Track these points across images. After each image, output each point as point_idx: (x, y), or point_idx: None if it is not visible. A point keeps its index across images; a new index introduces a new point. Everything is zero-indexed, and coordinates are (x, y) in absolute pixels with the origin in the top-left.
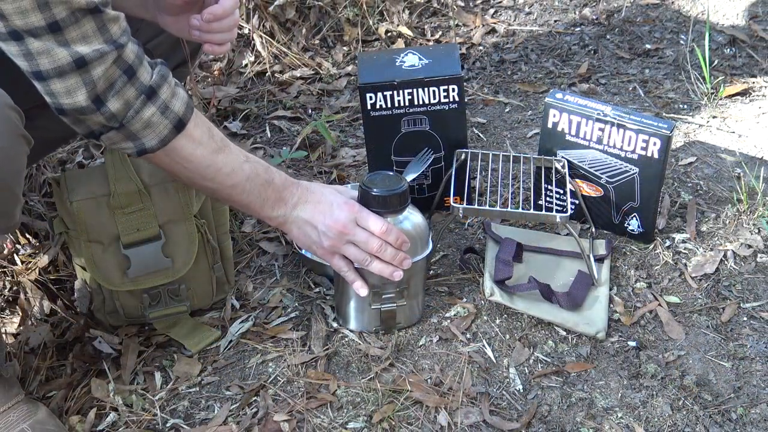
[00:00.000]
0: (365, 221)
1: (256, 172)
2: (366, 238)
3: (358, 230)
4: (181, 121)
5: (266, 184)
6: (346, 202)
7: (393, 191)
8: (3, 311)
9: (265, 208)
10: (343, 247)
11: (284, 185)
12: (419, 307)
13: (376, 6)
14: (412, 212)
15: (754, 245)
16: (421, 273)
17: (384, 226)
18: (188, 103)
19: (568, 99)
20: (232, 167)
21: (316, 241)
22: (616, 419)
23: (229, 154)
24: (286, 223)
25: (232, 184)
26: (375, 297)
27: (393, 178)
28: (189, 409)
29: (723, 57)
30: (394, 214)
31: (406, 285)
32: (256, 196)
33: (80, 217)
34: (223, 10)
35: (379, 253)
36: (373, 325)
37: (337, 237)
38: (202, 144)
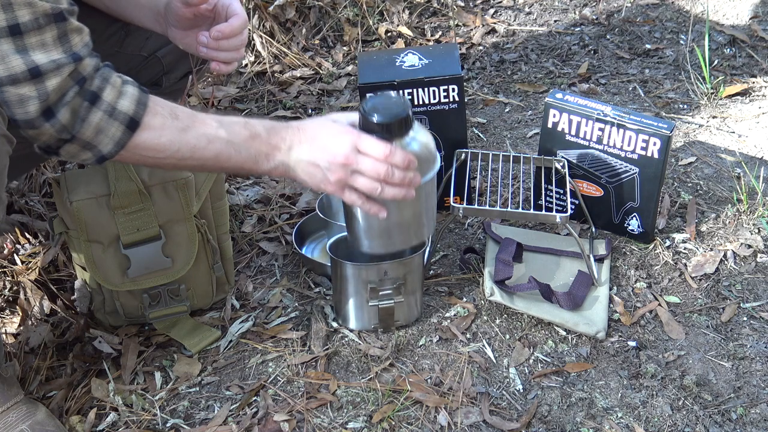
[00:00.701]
0: (367, 147)
1: (235, 132)
2: (371, 165)
3: (361, 158)
4: (133, 119)
5: (251, 139)
6: (342, 131)
7: (396, 116)
8: (3, 311)
9: (260, 162)
10: (351, 179)
11: (271, 133)
12: (417, 304)
13: (376, 6)
14: (418, 130)
15: (754, 245)
16: (418, 270)
17: (387, 149)
18: (139, 99)
19: (568, 99)
20: (207, 138)
21: (323, 179)
22: (616, 419)
23: (200, 126)
24: (288, 170)
25: (214, 154)
26: (372, 294)
27: (394, 99)
28: (189, 409)
29: (723, 57)
30: (399, 138)
31: (403, 281)
32: (246, 154)
33: (80, 217)
34: (231, 30)
35: (388, 178)
36: (372, 322)
37: (342, 169)
38: (166, 129)
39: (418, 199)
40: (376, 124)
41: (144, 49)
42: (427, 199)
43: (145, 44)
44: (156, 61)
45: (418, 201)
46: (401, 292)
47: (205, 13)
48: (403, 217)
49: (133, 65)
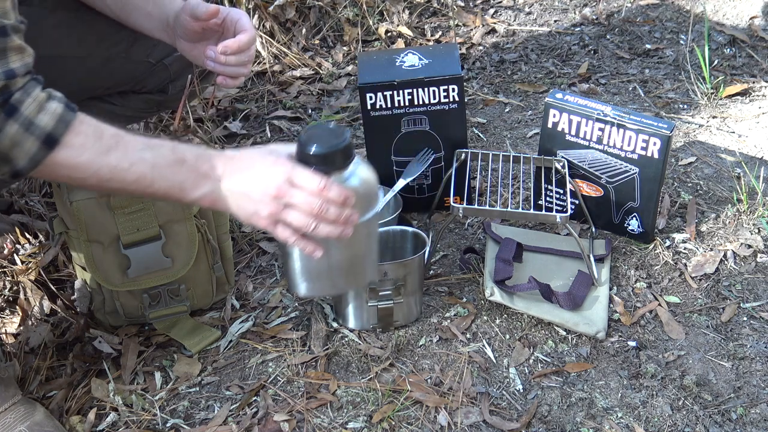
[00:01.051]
0: (300, 180)
1: (161, 155)
2: (304, 198)
3: (295, 191)
4: (51, 136)
5: (178, 165)
6: (276, 162)
7: (334, 147)
8: (3, 311)
9: (186, 190)
10: (283, 213)
11: (201, 159)
12: (417, 305)
13: (376, 6)
14: (359, 165)
15: (754, 245)
16: (417, 271)
17: (321, 182)
18: (62, 116)
19: (568, 99)
20: (130, 161)
21: (255, 212)
22: (616, 419)
23: (124, 148)
24: (218, 200)
25: (136, 178)
26: (372, 294)
27: (334, 130)
28: (189, 409)
29: (723, 57)
30: (337, 172)
31: (403, 282)
32: (171, 180)
33: (80, 217)
34: (239, 46)
35: (322, 214)
36: (371, 322)
37: (274, 202)
38: (87, 149)
39: (357, 240)
40: (312, 156)
41: (151, 56)
42: (368, 241)
43: (153, 51)
44: (163, 68)
45: (357, 242)
46: (401, 293)
47: (214, 27)
48: (341, 259)
49: (139, 72)
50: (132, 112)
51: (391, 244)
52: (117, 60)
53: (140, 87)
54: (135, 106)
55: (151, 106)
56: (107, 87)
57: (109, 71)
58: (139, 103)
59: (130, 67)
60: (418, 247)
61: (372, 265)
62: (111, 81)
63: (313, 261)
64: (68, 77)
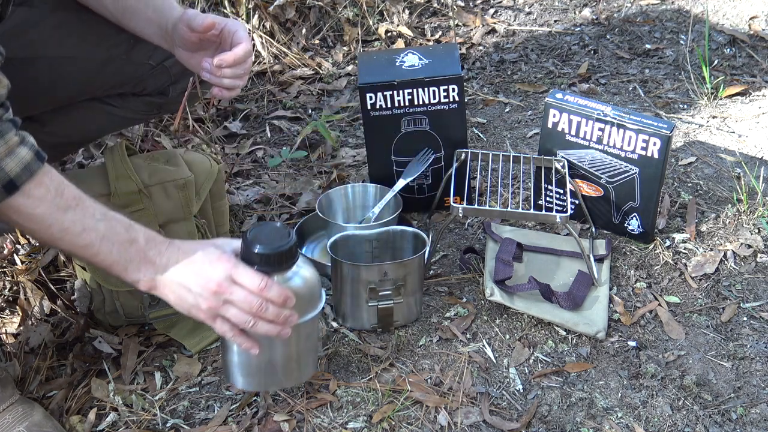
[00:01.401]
0: (241, 278)
1: (114, 231)
2: (244, 296)
3: (235, 288)
4: (13, 182)
5: (128, 244)
6: (219, 258)
7: (277, 248)
8: (3, 311)
9: (129, 270)
10: (222, 309)
11: (150, 244)
12: (417, 305)
13: (376, 6)
14: (302, 266)
15: (754, 245)
16: (418, 271)
17: (262, 282)
18: (29, 165)
19: (568, 99)
20: (83, 226)
21: (194, 305)
22: (616, 419)
23: (82, 212)
24: (157, 287)
25: (84, 244)
26: (372, 294)
27: (279, 231)
28: (189, 409)
29: (723, 57)
30: (280, 273)
31: (403, 282)
32: (117, 256)
33: None
34: (235, 59)
35: (261, 313)
36: (371, 323)
37: (213, 297)
38: (45, 202)
39: (297, 340)
40: (256, 255)
41: (152, 59)
42: (307, 341)
43: (153, 53)
44: (163, 70)
45: (296, 341)
46: (401, 293)
47: (211, 38)
48: (280, 357)
49: (140, 74)
50: (132, 114)
51: (391, 244)
52: (117, 61)
53: (140, 89)
54: (135, 108)
55: (151, 108)
56: (107, 88)
57: (109, 73)
58: (139, 105)
59: (130, 68)
60: (418, 247)
61: (312, 362)
62: (111, 82)
63: (251, 356)
64: (67, 78)
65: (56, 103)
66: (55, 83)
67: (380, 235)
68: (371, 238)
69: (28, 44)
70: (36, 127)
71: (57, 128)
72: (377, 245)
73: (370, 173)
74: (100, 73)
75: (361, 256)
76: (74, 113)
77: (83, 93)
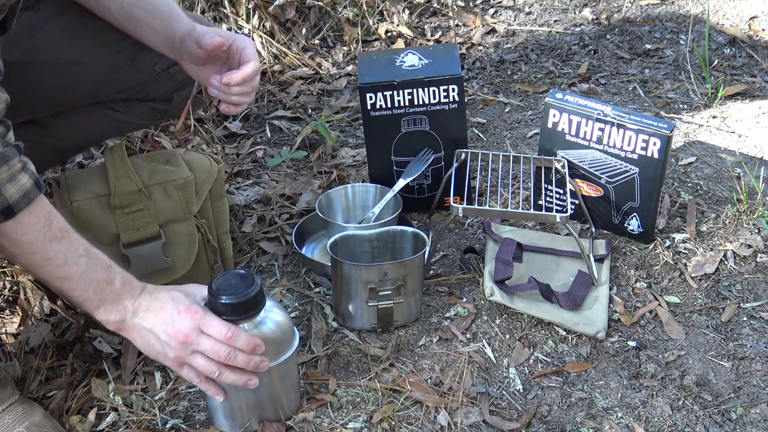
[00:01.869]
0: (209, 329)
1: (93, 269)
2: (212, 346)
3: (203, 338)
4: (11, 208)
5: (105, 284)
6: (188, 309)
7: (243, 297)
8: (3, 311)
9: (101, 309)
10: (190, 358)
11: (126, 288)
12: (417, 304)
13: (376, 6)
14: (272, 309)
15: (754, 245)
16: (418, 271)
17: (229, 332)
18: (28, 192)
19: (568, 99)
20: (65, 259)
21: (161, 352)
22: (616, 419)
23: (66, 245)
24: (125, 330)
25: (64, 276)
26: (372, 294)
27: (244, 279)
28: (189, 410)
29: (723, 57)
30: (248, 320)
31: (403, 282)
32: (92, 294)
33: (80, 217)
34: (243, 77)
35: (229, 361)
36: (371, 323)
37: (181, 348)
38: (33, 230)
39: (277, 379)
40: (222, 305)
41: (157, 65)
42: (286, 380)
43: (159, 60)
44: (168, 77)
45: (272, 383)
46: (401, 293)
47: (219, 54)
48: (262, 398)
49: (144, 80)
50: (136, 120)
51: (391, 244)
52: (122, 67)
53: (144, 95)
54: (139, 114)
55: (155, 114)
56: (111, 93)
57: (113, 78)
58: (143, 110)
59: (134, 74)
60: (418, 247)
61: (294, 399)
62: (115, 88)
63: (234, 400)
64: (71, 83)
65: (59, 107)
66: (59, 88)
67: (380, 235)
68: (371, 238)
69: (32, 48)
70: (39, 130)
71: (60, 132)
72: (377, 245)
73: (370, 173)
74: (105, 78)
75: (362, 256)
76: (77, 117)
77: (87, 98)
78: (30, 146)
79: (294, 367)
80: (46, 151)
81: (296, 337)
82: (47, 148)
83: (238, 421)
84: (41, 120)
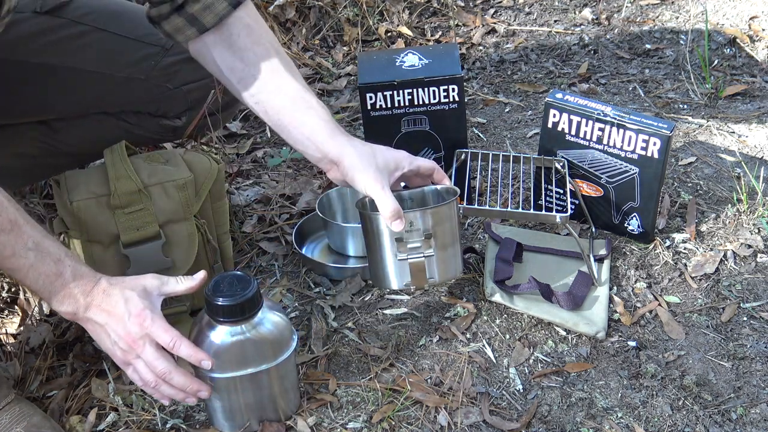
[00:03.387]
0: (154, 336)
1: (43, 263)
2: (152, 359)
3: (147, 347)
4: None
5: (54, 277)
6: (138, 314)
7: (240, 298)
8: (2, 312)
9: (53, 300)
10: (134, 362)
11: (77, 281)
12: (456, 258)
13: (376, 6)
14: (270, 311)
15: (754, 245)
16: (449, 221)
17: (171, 341)
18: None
19: (568, 99)
20: (13, 251)
21: (110, 349)
22: (616, 419)
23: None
24: (79, 321)
25: (12, 268)
26: (401, 248)
27: (241, 281)
28: (189, 410)
29: (723, 57)
30: (245, 322)
31: (432, 233)
32: (41, 286)
33: (80, 217)
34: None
35: (165, 379)
36: (404, 280)
37: (128, 350)
38: None
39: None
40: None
41: (171, 82)
42: (285, 380)
43: (174, 77)
44: (181, 94)
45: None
46: (431, 246)
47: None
48: (262, 399)
49: (156, 95)
50: (146, 133)
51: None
52: (135, 81)
53: (156, 109)
54: (149, 128)
55: (165, 130)
56: (121, 105)
57: (125, 90)
58: (154, 126)
59: (147, 88)
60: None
61: (294, 399)
62: (126, 100)
63: (234, 401)
64: (83, 90)
65: (69, 112)
66: (69, 93)
67: (413, 195)
68: (404, 197)
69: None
70: (49, 132)
71: (69, 137)
72: (411, 204)
73: None
74: (117, 90)
75: None
76: (88, 125)
77: (97, 106)
78: (38, 147)
79: (292, 368)
80: (55, 155)
81: (294, 338)
82: (56, 152)
83: (237, 421)
84: (51, 123)
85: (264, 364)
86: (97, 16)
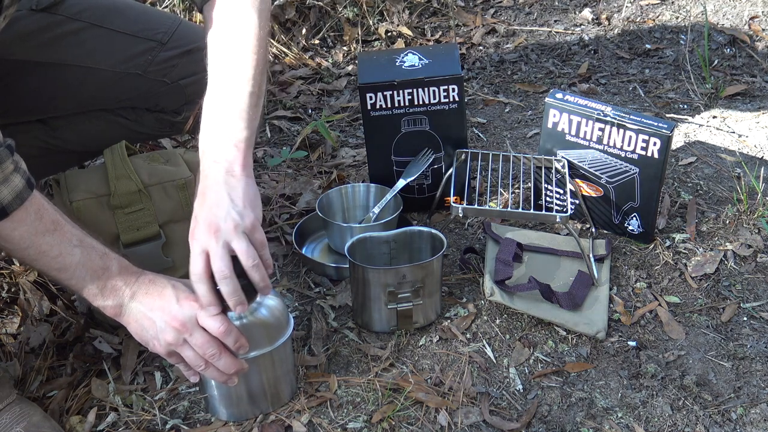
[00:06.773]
0: (204, 320)
1: (89, 258)
2: (202, 342)
3: (197, 331)
4: (4, 210)
5: (101, 271)
6: (188, 297)
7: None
8: (2, 312)
9: (98, 296)
10: (180, 348)
11: (122, 273)
12: (436, 304)
13: (376, 6)
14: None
15: (754, 245)
16: (436, 273)
17: (223, 326)
18: (20, 193)
19: (568, 99)
20: (60, 251)
21: (155, 336)
22: (616, 419)
23: (59, 236)
24: (122, 314)
25: (59, 267)
26: (391, 297)
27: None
28: (189, 410)
29: (723, 57)
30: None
31: (422, 284)
32: (89, 282)
33: (80, 217)
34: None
35: (212, 362)
36: (391, 325)
37: (175, 335)
38: (24, 225)
39: (272, 366)
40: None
41: (168, 76)
42: (282, 365)
43: (171, 72)
44: (179, 89)
45: (271, 367)
46: (420, 295)
47: None
48: (259, 384)
49: (154, 90)
50: (144, 129)
51: (409, 245)
52: (132, 77)
53: (154, 104)
54: (147, 123)
55: (163, 125)
56: (118, 100)
57: (122, 86)
58: (152, 121)
59: (144, 83)
60: (436, 247)
61: (290, 384)
62: (124, 96)
63: (231, 388)
64: (80, 86)
65: (66, 109)
66: (67, 90)
67: (398, 237)
68: (389, 239)
69: (43, 48)
70: (47, 130)
71: (68, 134)
72: (395, 246)
73: (370, 173)
74: (114, 86)
75: (379, 258)
76: (86, 122)
77: (94, 103)
78: (36, 145)
79: (289, 353)
80: (54, 153)
81: (290, 323)
82: (56, 150)
83: (237, 409)
84: (49, 121)
85: (261, 348)
86: (93, 13)
